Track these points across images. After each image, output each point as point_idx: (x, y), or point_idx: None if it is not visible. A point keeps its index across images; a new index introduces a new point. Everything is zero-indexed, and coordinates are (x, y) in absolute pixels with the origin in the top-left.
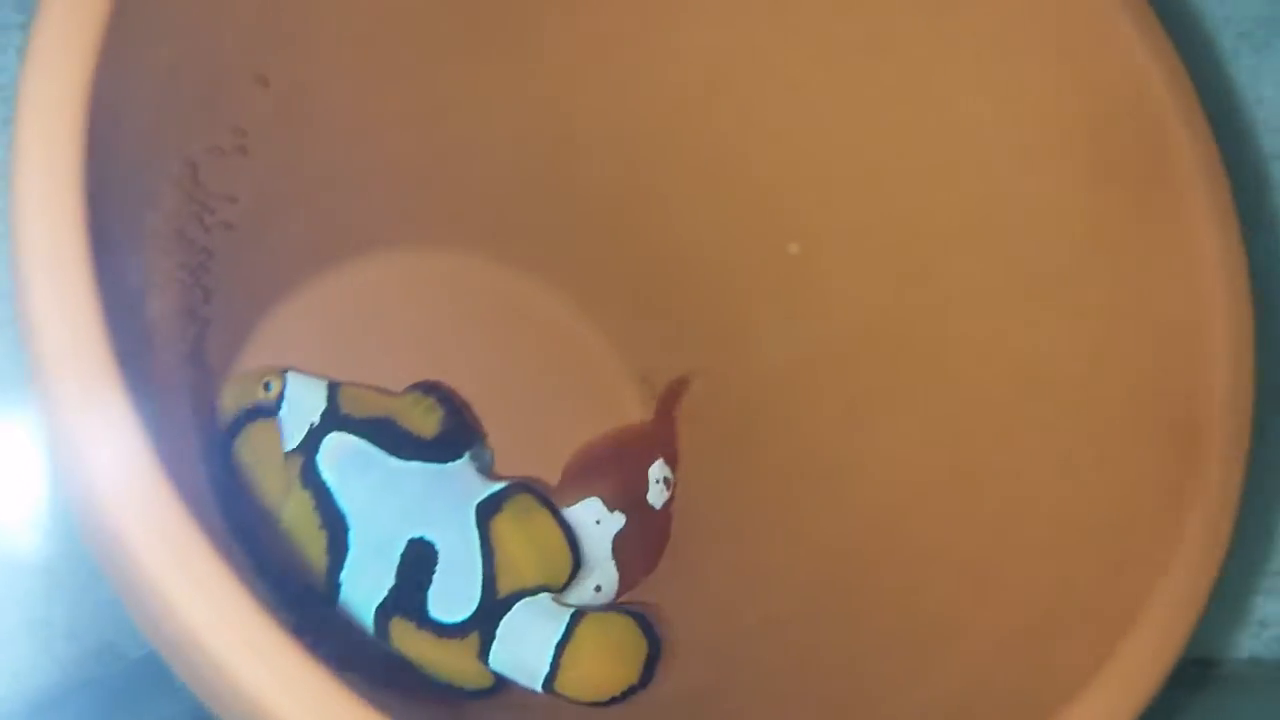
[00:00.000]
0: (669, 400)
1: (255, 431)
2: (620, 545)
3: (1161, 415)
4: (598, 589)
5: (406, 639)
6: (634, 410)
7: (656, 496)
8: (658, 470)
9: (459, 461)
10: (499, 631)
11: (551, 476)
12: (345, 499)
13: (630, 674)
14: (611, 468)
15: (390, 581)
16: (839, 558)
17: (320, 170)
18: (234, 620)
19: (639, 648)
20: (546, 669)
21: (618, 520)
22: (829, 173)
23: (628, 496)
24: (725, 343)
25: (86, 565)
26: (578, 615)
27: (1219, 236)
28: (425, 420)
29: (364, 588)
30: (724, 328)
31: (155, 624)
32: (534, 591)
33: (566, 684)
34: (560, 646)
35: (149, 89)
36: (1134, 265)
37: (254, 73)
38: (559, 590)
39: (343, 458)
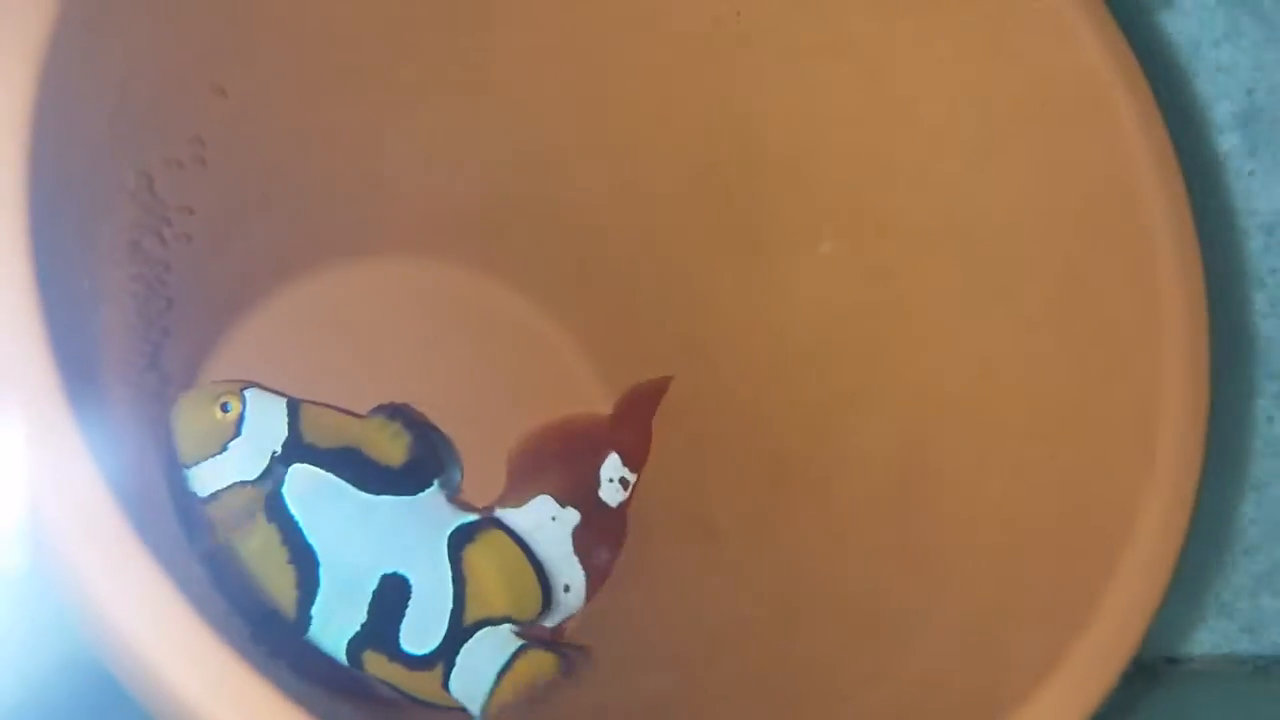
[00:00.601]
0: (642, 403)
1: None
2: (579, 540)
3: (1114, 414)
4: (566, 588)
5: (380, 668)
6: (596, 396)
7: (610, 495)
8: (611, 469)
9: (429, 491)
10: (458, 660)
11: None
12: (314, 534)
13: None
14: (559, 463)
15: (362, 618)
16: (806, 559)
17: (281, 180)
18: (175, 633)
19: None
20: (485, 696)
21: (572, 515)
22: (799, 175)
23: (578, 492)
24: (695, 345)
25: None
26: (521, 649)
27: (1172, 235)
28: (392, 447)
29: (336, 623)
30: (694, 330)
31: (101, 641)
32: (499, 621)
33: (492, 707)
34: (500, 675)
35: (100, 100)
36: (1085, 264)
37: (211, 83)
38: (526, 623)
39: (310, 492)
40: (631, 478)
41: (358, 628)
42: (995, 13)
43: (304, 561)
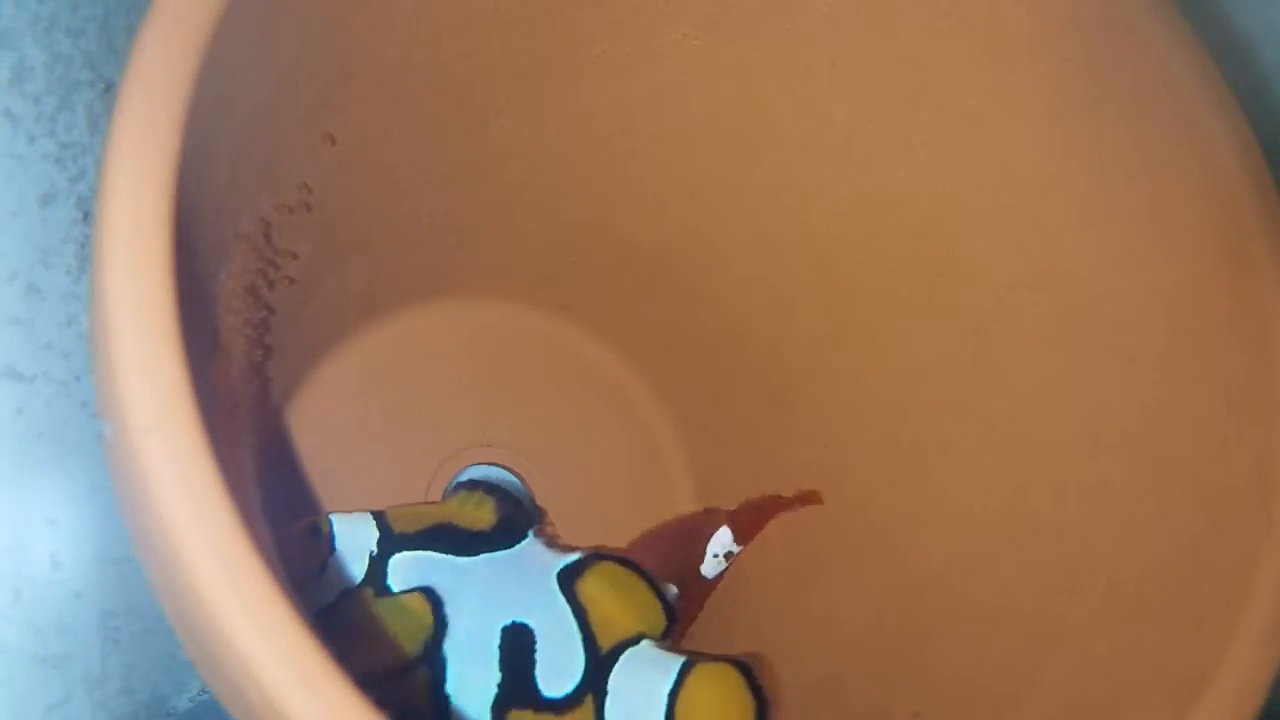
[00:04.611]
0: (771, 507)
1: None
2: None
3: (1230, 475)
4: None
5: None
6: (674, 460)
7: (711, 568)
8: (719, 543)
9: (525, 541)
10: (609, 687)
11: (597, 521)
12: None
13: None
14: (667, 544)
15: (497, 676)
16: (898, 614)
17: (376, 224)
18: (294, 660)
19: (746, 702)
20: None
21: (668, 590)
22: (882, 225)
23: (681, 570)
24: (774, 392)
25: (140, 622)
26: (687, 665)
27: None
28: (479, 514)
29: (473, 691)
30: (772, 380)
31: (214, 663)
32: (635, 640)
33: None
34: (672, 697)
35: (225, 149)
36: (1197, 322)
37: (322, 131)
38: (659, 638)
39: (412, 573)
40: (736, 550)
41: (495, 689)
42: (1103, 67)
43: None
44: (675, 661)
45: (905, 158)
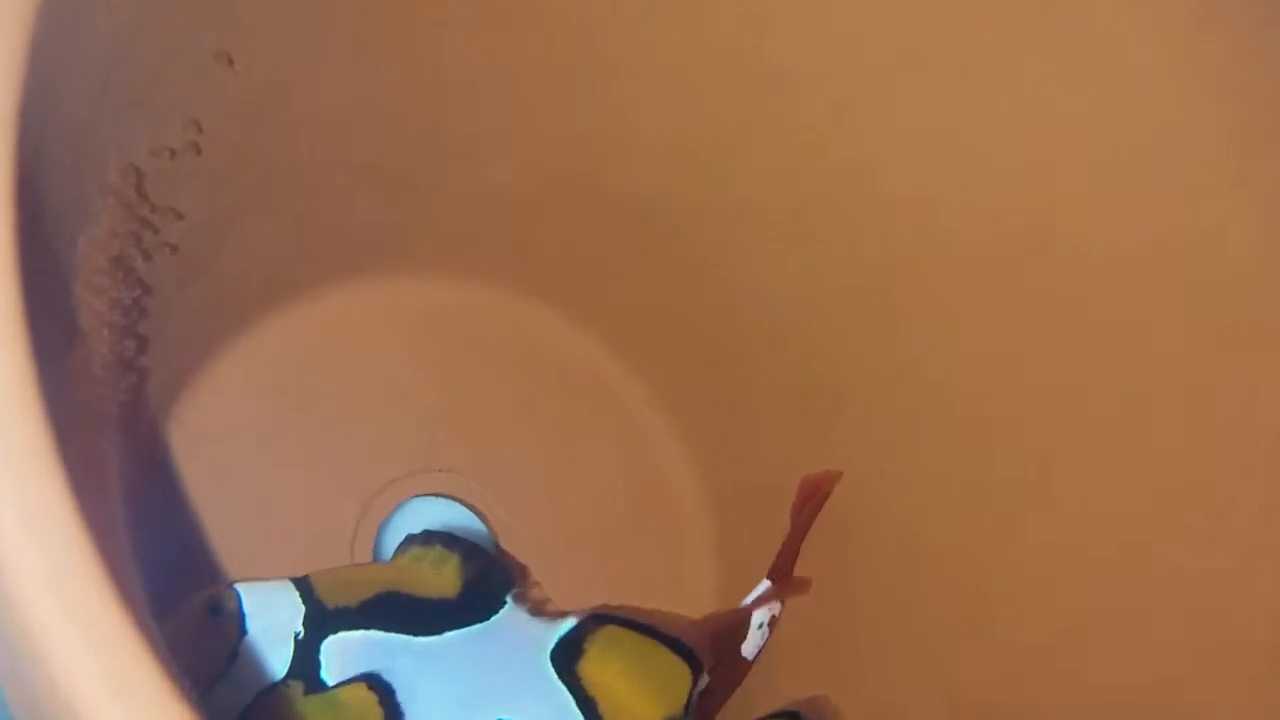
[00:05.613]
0: (804, 512)
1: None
2: (696, 699)
3: None
4: None
5: None
6: (682, 484)
7: (751, 647)
8: (762, 613)
9: (503, 611)
10: None
11: (585, 568)
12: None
13: None
14: (710, 638)
15: None
16: (981, 704)
17: (287, 177)
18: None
19: None
20: None
21: (702, 682)
22: (959, 177)
23: (724, 657)
24: (810, 400)
25: None
26: None
27: None
28: (439, 577)
29: None
30: (809, 380)
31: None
32: None
33: None
34: None
35: (84, 74)
36: None
37: (216, 48)
38: (688, 710)
39: (355, 660)
40: (778, 611)
41: None
42: None
43: None
44: None
45: (990, 89)
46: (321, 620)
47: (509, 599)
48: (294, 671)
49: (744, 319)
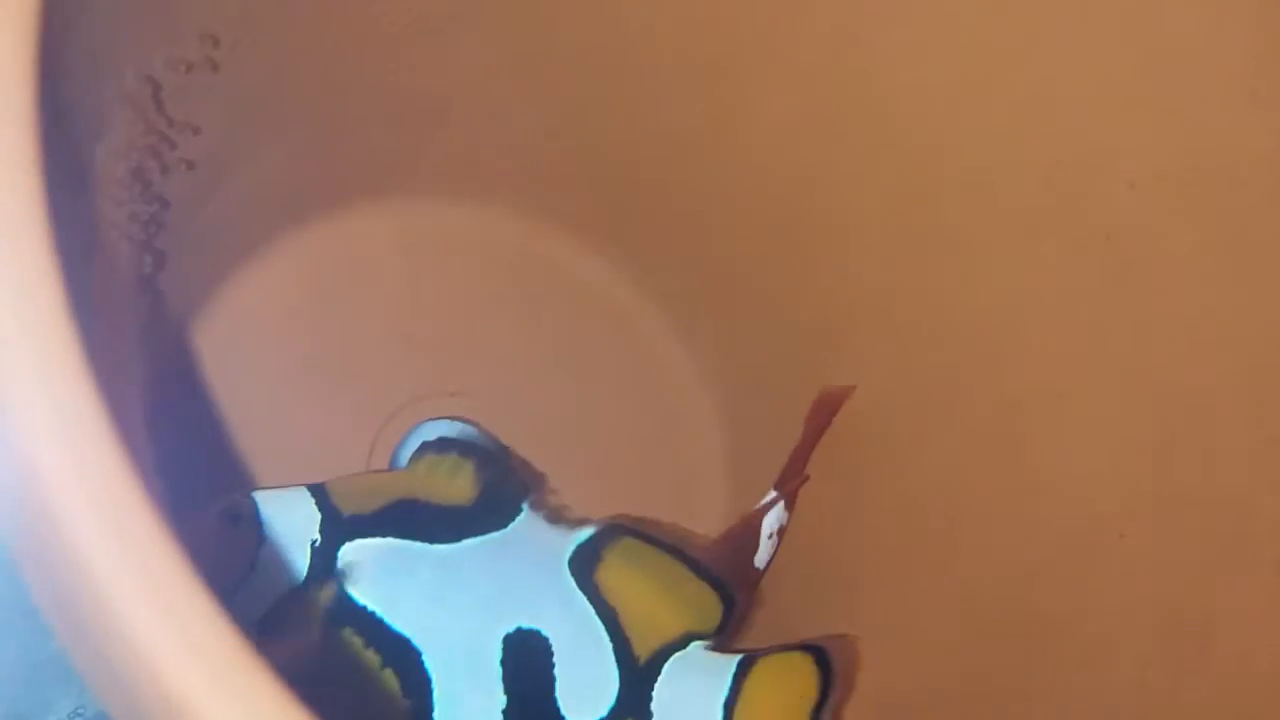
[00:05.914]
0: (818, 419)
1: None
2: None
3: None
4: None
5: None
6: (698, 411)
7: (765, 555)
8: (771, 520)
9: (520, 518)
10: (653, 707)
11: (597, 492)
12: (399, 619)
13: None
14: (729, 550)
15: (501, 701)
16: (991, 619)
17: (305, 94)
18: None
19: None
20: None
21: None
22: (982, 98)
23: (737, 569)
24: (830, 327)
25: None
26: (744, 664)
27: None
28: (454, 484)
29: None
30: (830, 308)
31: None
32: (682, 644)
33: None
34: (729, 707)
35: None
36: None
37: None
38: (713, 636)
39: (373, 569)
40: (787, 521)
41: (500, 717)
42: None
43: (402, 659)
44: (729, 663)
45: (1007, 5)
46: (338, 527)
47: (525, 506)
48: (311, 578)
49: (761, 242)
